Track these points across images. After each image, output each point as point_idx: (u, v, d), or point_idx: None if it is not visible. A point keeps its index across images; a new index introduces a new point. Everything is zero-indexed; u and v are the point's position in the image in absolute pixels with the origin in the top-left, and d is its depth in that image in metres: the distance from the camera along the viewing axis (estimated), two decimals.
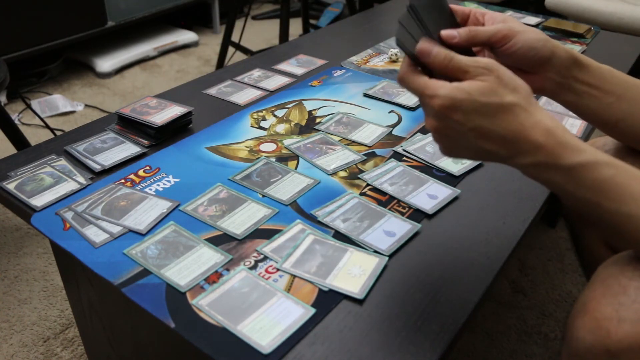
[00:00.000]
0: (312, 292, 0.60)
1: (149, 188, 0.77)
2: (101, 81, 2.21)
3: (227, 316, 0.57)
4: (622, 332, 0.47)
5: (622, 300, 0.49)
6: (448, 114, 0.51)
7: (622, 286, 0.50)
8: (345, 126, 0.93)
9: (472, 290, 0.61)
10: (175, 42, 2.49)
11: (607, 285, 0.51)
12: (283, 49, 1.27)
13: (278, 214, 0.72)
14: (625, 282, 0.50)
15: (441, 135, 0.53)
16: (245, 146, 0.88)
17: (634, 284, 0.49)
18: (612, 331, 0.48)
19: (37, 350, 1.07)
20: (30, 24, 1.92)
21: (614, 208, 0.48)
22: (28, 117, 1.93)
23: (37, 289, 1.21)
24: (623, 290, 0.49)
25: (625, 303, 0.48)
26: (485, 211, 0.74)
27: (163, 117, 0.89)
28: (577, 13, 1.94)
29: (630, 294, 0.49)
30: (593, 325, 0.50)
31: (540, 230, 1.40)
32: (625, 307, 0.48)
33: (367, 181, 0.79)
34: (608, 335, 0.48)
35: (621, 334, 0.47)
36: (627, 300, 0.49)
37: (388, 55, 1.22)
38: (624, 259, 0.52)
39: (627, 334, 0.47)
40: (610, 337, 0.48)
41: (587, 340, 0.50)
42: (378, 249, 0.66)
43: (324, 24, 2.80)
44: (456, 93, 0.50)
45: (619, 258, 0.53)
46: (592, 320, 0.50)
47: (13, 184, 0.77)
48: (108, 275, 0.62)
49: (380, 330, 0.56)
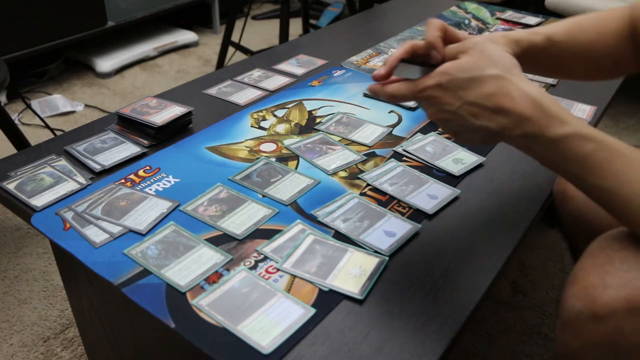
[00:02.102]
0: (312, 292, 0.60)
1: (149, 188, 0.77)
2: (101, 81, 2.21)
3: (227, 316, 0.57)
4: (607, 297, 0.50)
5: (608, 269, 0.51)
6: (439, 100, 0.55)
7: (609, 257, 0.52)
8: (345, 126, 0.93)
9: (473, 290, 0.61)
10: (175, 42, 2.49)
11: (596, 257, 0.54)
12: (283, 49, 1.27)
13: (278, 214, 0.72)
14: (612, 253, 0.52)
15: (444, 123, 0.57)
16: (245, 146, 0.88)
17: (620, 255, 0.52)
18: (598, 297, 0.50)
19: (37, 350, 1.07)
20: (30, 24, 1.92)
21: (595, 183, 0.51)
22: (28, 117, 1.93)
23: (37, 289, 1.21)
24: (610, 261, 0.52)
25: (611, 271, 0.51)
26: (485, 211, 0.74)
27: (163, 117, 0.89)
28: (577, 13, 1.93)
29: (615, 264, 0.51)
30: (581, 292, 0.52)
31: (540, 230, 1.40)
32: (610, 275, 0.51)
33: (367, 181, 0.79)
34: (594, 301, 0.50)
35: (606, 298, 0.50)
36: (612, 269, 0.51)
37: (388, 55, 1.22)
38: (612, 235, 0.55)
39: (612, 298, 0.49)
40: (596, 303, 0.50)
41: (575, 307, 0.52)
42: (378, 249, 0.66)
43: (324, 24, 2.80)
44: (439, 78, 0.54)
45: (608, 235, 0.55)
46: (581, 288, 0.52)
47: (13, 184, 0.77)
48: (108, 275, 0.62)
49: (380, 330, 0.56)
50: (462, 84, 0.54)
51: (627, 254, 0.52)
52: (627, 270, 0.50)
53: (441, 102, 0.55)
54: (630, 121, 1.97)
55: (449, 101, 0.55)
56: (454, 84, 0.54)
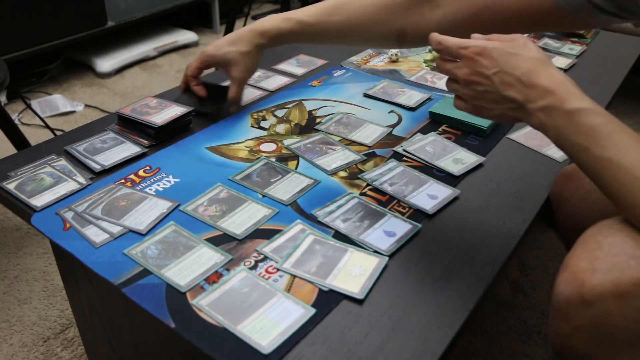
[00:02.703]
0: (312, 292, 0.60)
1: (149, 188, 0.77)
2: (101, 81, 2.21)
3: (227, 316, 0.57)
4: (595, 281, 0.51)
5: (597, 254, 0.53)
6: (478, 59, 0.60)
7: (598, 243, 0.54)
8: (345, 126, 0.93)
9: (472, 291, 0.61)
10: (175, 42, 2.49)
11: (586, 244, 0.55)
12: (283, 49, 1.27)
13: (278, 214, 0.72)
14: (601, 239, 0.54)
15: (472, 86, 0.61)
16: (246, 146, 0.88)
17: (609, 240, 0.53)
18: (586, 281, 0.52)
19: (37, 350, 1.07)
20: (30, 24, 1.92)
21: (599, 153, 0.54)
22: (28, 117, 1.93)
23: (37, 289, 1.21)
24: (599, 247, 0.54)
25: (599, 256, 0.53)
26: (485, 211, 0.74)
27: (163, 117, 0.89)
28: None
29: (604, 249, 0.53)
30: (570, 277, 0.54)
31: (540, 230, 1.40)
32: (599, 259, 0.52)
33: (367, 181, 0.79)
34: (583, 285, 0.52)
35: (594, 282, 0.51)
36: (601, 254, 0.53)
37: (388, 55, 1.22)
38: (603, 223, 0.57)
39: (600, 282, 0.51)
40: (585, 286, 0.52)
41: (565, 292, 0.54)
42: (378, 249, 0.66)
43: None
44: (486, 43, 0.60)
45: (599, 224, 0.57)
46: (570, 274, 0.54)
47: (13, 184, 0.77)
48: (108, 275, 0.62)
49: (380, 330, 0.56)
50: (504, 55, 0.59)
51: (615, 239, 0.53)
52: (615, 255, 0.52)
53: (479, 64, 0.60)
54: (630, 121, 1.97)
55: (487, 64, 0.59)
56: (497, 52, 0.59)
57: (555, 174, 0.80)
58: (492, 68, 0.59)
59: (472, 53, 0.60)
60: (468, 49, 0.61)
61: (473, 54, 0.60)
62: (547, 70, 0.58)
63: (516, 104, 0.59)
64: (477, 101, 0.62)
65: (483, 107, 0.62)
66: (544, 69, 0.58)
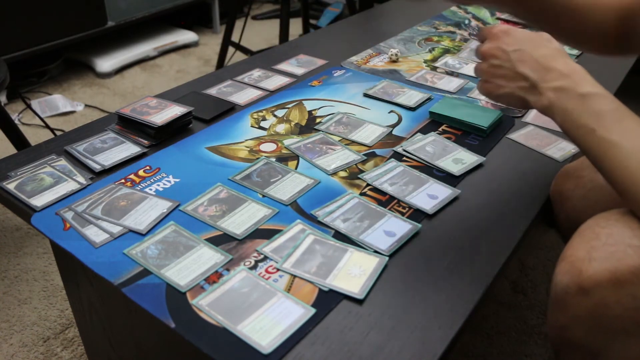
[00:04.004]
0: (312, 292, 0.60)
1: (149, 188, 0.77)
2: (101, 81, 2.21)
3: (227, 316, 0.57)
4: (592, 270, 0.52)
5: (594, 243, 0.54)
6: (502, 36, 0.65)
7: (596, 233, 0.55)
8: (345, 126, 0.93)
9: (473, 291, 0.61)
10: (175, 42, 2.49)
11: (583, 235, 0.56)
12: (283, 49, 1.27)
13: (278, 214, 0.72)
14: (599, 230, 0.55)
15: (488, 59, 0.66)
16: (245, 146, 0.88)
17: (606, 230, 0.54)
18: (584, 270, 0.53)
19: (37, 350, 1.07)
20: (30, 24, 1.92)
21: (604, 135, 0.56)
22: (28, 117, 1.93)
23: (37, 289, 1.21)
24: (596, 237, 0.54)
25: (596, 246, 0.53)
26: (485, 211, 0.74)
27: (163, 117, 0.89)
28: None
29: (601, 239, 0.54)
30: (568, 267, 0.54)
31: (540, 230, 1.40)
32: (596, 249, 0.53)
33: (367, 181, 0.79)
34: (580, 274, 0.53)
35: (591, 271, 0.52)
36: (598, 244, 0.53)
37: (388, 55, 1.22)
38: (600, 215, 0.58)
39: (597, 270, 0.52)
40: (582, 275, 0.52)
41: (563, 281, 0.55)
42: (378, 249, 0.66)
43: (324, 24, 2.80)
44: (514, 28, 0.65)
45: (596, 216, 0.58)
46: (568, 263, 0.55)
47: (13, 184, 0.77)
48: (108, 275, 0.62)
49: (380, 330, 0.56)
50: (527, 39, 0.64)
51: (613, 229, 0.54)
52: (612, 244, 0.52)
53: (502, 40, 0.65)
54: None
55: (508, 42, 0.65)
56: (521, 34, 0.65)
57: (555, 174, 0.80)
58: (512, 45, 0.64)
59: (499, 31, 0.66)
60: (496, 27, 0.67)
61: (499, 31, 0.66)
62: (564, 59, 0.62)
63: (528, 83, 0.62)
64: (488, 76, 0.66)
65: (493, 84, 0.66)
66: (561, 57, 0.62)
